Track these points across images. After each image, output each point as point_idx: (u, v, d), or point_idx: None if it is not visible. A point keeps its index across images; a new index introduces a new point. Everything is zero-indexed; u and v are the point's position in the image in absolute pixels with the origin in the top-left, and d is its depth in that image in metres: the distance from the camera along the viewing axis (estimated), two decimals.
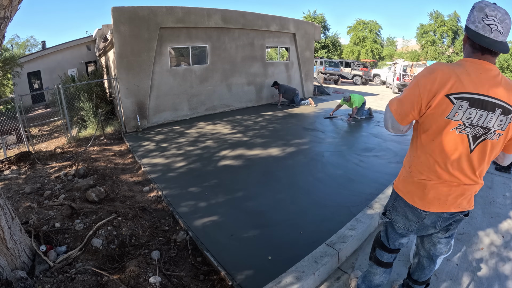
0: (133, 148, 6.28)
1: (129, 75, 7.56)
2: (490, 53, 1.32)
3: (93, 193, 3.77)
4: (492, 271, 2.58)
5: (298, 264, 2.49)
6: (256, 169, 4.90)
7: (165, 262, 2.68)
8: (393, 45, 38.55)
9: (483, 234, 3.13)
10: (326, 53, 33.18)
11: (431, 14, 31.54)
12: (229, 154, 5.61)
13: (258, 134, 6.95)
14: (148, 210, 3.67)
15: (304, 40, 11.95)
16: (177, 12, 8.03)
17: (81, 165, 5.15)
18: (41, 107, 15.38)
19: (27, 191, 4.12)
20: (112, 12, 7.00)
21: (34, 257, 2.46)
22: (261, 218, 3.39)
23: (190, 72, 8.82)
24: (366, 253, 2.84)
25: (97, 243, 2.71)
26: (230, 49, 9.59)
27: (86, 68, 17.06)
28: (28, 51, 23.80)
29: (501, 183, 4.48)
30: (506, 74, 24.82)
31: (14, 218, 2.38)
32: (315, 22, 28.74)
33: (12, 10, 1.87)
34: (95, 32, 15.15)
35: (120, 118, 7.90)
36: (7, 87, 16.19)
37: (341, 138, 6.55)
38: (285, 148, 5.87)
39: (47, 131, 9.48)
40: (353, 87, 18.61)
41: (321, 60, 21.42)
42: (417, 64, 18.28)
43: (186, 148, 6.05)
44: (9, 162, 5.61)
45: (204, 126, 7.83)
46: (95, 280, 2.26)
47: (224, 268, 2.56)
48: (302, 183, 4.36)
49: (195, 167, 5.04)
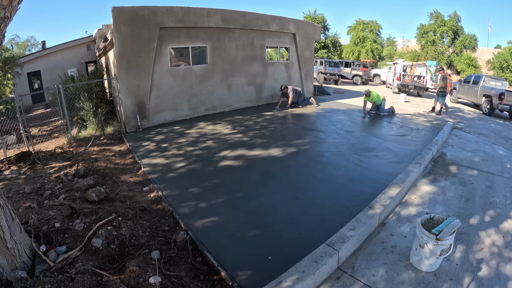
0: (133, 148, 6.28)
1: (129, 75, 7.56)
2: None
3: (93, 193, 3.77)
4: (493, 271, 2.58)
5: (298, 264, 2.49)
6: (256, 169, 4.90)
7: (165, 262, 2.68)
8: (393, 45, 38.54)
9: (483, 234, 3.13)
10: (326, 53, 33.16)
11: (431, 14, 31.56)
12: (229, 154, 5.60)
13: (258, 134, 6.95)
14: (148, 210, 3.67)
15: (304, 40, 11.95)
16: (177, 12, 8.03)
17: (81, 165, 5.14)
18: (41, 107, 15.37)
19: (27, 191, 4.12)
20: (112, 12, 7.00)
21: (34, 257, 2.45)
22: (261, 218, 3.39)
23: (190, 72, 8.82)
24: (366, 253, 2.84)
25: (97, 243, 2.71)
26: (230, 49, 9.59)
27: (86, 68, 17.06)
28: (28, 51, 23.76)
29: (501, 183, 4.48)
30: (506, 74, 24.77)
31: (14, 218, 2.38)
32: (315, 22, 28.74)
33: (12, 10, 1.87)
34: (95, 32, 15.15)
35: (120, 118, 7.90)
36: (7, 87, 16.18)
37: (341, 138, 6.55)
38: (285, 148, 5.87)
39: (47, 131, 9.47)
40: (353, 87, 18.59)
41: (321, 60, 21.40)
42: (417, 64, 18.26)
43: (186, 148, 6.05)
44: (9, 162, 5.61)
45: (205, 126, 7.83)
46: (95, 280, 2.26)
47: (224, 268, 2.56)
48: (302, 183, 4.35)
49: (195, 167, 5.04)
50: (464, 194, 4.07)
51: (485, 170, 4.98)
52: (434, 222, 2.75)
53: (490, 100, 10.90)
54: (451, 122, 8.43)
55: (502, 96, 10.28)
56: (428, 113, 10.08)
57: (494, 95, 10.68)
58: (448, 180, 4.54)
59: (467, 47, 30.19)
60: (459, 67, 28.72)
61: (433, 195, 4.04)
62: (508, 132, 8.35)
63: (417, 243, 2.61)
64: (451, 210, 3.65)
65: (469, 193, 4.12)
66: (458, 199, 3.92)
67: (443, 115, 9.80)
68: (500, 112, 11.13)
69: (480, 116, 10.76)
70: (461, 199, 3.92)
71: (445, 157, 5.61)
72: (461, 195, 4.05)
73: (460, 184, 4.39)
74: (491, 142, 6.89)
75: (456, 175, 4.74)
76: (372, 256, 2.79)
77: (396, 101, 12.57)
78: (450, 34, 30.35)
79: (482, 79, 12.08)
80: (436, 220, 2.76)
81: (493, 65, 26.61)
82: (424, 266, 2.57)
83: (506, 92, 10.30)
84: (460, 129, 8.00)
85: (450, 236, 2.51)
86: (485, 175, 4.77)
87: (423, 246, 2.52)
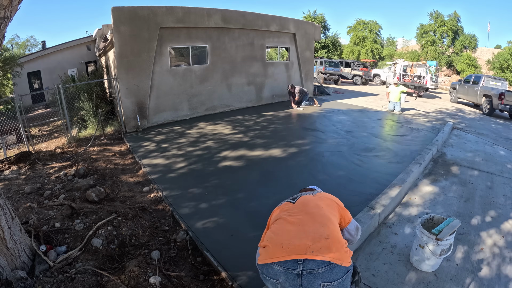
0: (133, 148, 6.28)
1: (129, 75, 7.56)
2: None
3: (93, 193, 3.77)
4: (493, 271, 2.58)
5: None
6: (256, 169, 4.89)
7: (165, 262, 2.68)
8: (393, 45, 38.50)
9: (483, 235, 3.13)
10: (326, 53, 33.13)
11: (431, 14, 31.50)
12: (230, 154, 5.60)
13: (258, 135, 6.95)
14: (148, 210, 3.67)
15: (304, 40, 11.95)
16: (177, 12, 8.03)
17: (81, 165, 5.14)
18: (41, 107, 15.35)
19: (27, 191, 4.12)
20: (112, 12, 7.00)
21: (34, 257, 2.45)
22: (261, 218, 3.38)
23: (190, 72, 8.82)
24: (366, 253, 2.84)
25: (97, 243, 2.71)
26: (230, 49, 9.59)
27: (86, 68, 17.05)
28: (28, 51, 23.74)
29: (501, 183, 4.48)
30: (506, 74, 24.76)
31: (14, 218, 2.38)
32: (315, 22, 28.72)
33: (12, 10, 1.87)
34: (95, 32, 15.15)
35: (120, 118, 7.89)
36: (7, 87, 16.18)
37: (342, 138, 6.55)
38: (286, 149, 5.87)
39: (47, 131, 9.47)
40: (353, 87, 18.59)
41: (321, 60, 21.38)
42: (417, 64, 18.25)
43: (187, 148, 6.04)
44: (9, 162, 5.61)
45: (205, 127, 7.83)
46: (95, 280, 2.26)
47: (224, 268, 2.56)
48: (302, 184, 4.34)
49: (195, 167, 5.03)
50: (464, 194, 4.07)
51: (485, 170, 4.98)
52: (434, 222, 2.75)
53: (490, 100, 10.90)
54: (451, 122, 8.43)
55: (502, 96, 10.29)
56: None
57: (494, 95, 10.68)
58: (448, 180, 4.54)
59: (467, 47, 30.16)
60: (459, 67, 28.69)
61: (433, 195, 4.04)
62: (508, 132, 8.36)
63: (417, 243, 2.61)
64: (451, 210, 3.65)
65: (469, 193, 4.12)
66: (458, 199, 3.92)
67: (443, 115, 9.81)
68: (500, 112, 11.13)
69: (480, 116, 10.76)
70: (461, 199, 3.92)
71: (445, 157, 5.61)
72: (461, 195, 4.05)
73: (460, 184, 4.39)
74: (491, 142, 6.89)
75: (456, 175, 4.74)
76: (372, 256, 2.79)
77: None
78: (450, 34, 30.31)
79: (482, 79, 12.08)
80: (436, 220, 2.76)
81: (493, 65, 26.59)
82: (424, 266, 2.57)
83: (506, 92, 10.31)
84: (460, 129, 8.00)
85: (450, 236, 2.51)
86: (485, 175, 4.76)
87: (423, 246, 2.52)
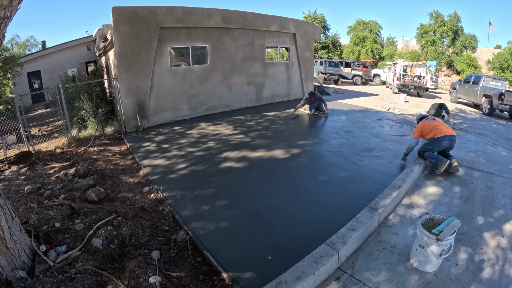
0: (133, 148, 6.27)
1: (129, 75, 7.56)
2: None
3: (93, 193, 3.77)
4: (493, 271, 2.58)
5: (298, 264, 2.48)
6: (256, 170, 4.89)
7: (165, 262, 2.68)
8: (393, 45, 38.48)
9: (483, 235, 3.13)
10: (326, 53, 33.13)
11: (431, 14, 31.49)
12: (231, 155, 5.59)
13: (259, 135, 6.94)
14: (148, 210, 3.66)
15: (304, 40, 11.95)
16: (177, 12, 8.03)
17: (81, 165, 5.14)
18: (41, 107, 15.34)
19: (27, 191, 4.12)
20: (112, 12, 7.00)
21: (34, 257, 2.45)
22: (261, 218, 3.39)
23: (190, 72, 8.82)
24: (366, 253, 2.84)
25: (97, 243, 2.70)
26: (230, 49, 9.59)
27: (86, 68, 17.04)
28: (28, 51, 23.76)
29: (501, 183, 4.48)
30: (506, 74, 24.76)
31: (14, 218, 2.38)
32: (315, 22, 28.73)
33: (12, 10, 1.87)
34: (95, 32, 15.14)
35: (120, 118, 7.89)
36: (7, 87, 16.15)
37: (342, 138, 6.55)
38: (286, 149, 5.87)
39: (47, 131, 9.48)
40: (353, 87, 18.59)
41: (321, 60, 21.38)
42: (417, 64, 18.26)
43: (187, 149, 6.03)
44: (9, 162, 5.60)
45: (206, 127, 7.82)
46: (95, 280, 2.26)
47: (224, 268, 2.56)
48: (302, 184, 4.35)
49: (196, 168, 5.03)
50: (464, 194, 4.06)
51: (485, 170, 4.98)
52: (434, 222, 2.75)
53: (490, 100, 10.90)
54: (452, 122, 8.43)
55: (502, 96, 10.29)
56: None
57: (494, 95, 10.68)
58: (448, 180, 4.54)
59: (467, 47, 30.14)
60: (459, 67, 28.68)
61: (433, 195, 4.04)
62: (508, 132, 8.35)
63: (417, 243, 2.61)
64: (451, 210, 3.65)
65: (469, 193, 4.12)
66: (458, 199, 3.92)
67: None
68: (500, 112, 11.12)
69: (481, 116, 10.76)
70: (461, 199, 3.92)
71: None
72: (461, 195, 4.05)
73: (460, 184, 4.39)
74: (491, 142, 6.89)
75: (456, 175, 4.74)
76: (372, 256, 2.79)
77: (396, 101, 12.58)
78: (450, 34, 30.30)
79: (482, 79, 12.08)
80: (436, 220, 2.76)
81: (493, 65, 26.58)
82: (424, 267, 2.57)
83: (506, 92, 10.30)
84: (461, 129, 8.00)
85: (451, 237, 2.51)
86: (485, 175, 4.76)
87: (423, 246, 2.52)
